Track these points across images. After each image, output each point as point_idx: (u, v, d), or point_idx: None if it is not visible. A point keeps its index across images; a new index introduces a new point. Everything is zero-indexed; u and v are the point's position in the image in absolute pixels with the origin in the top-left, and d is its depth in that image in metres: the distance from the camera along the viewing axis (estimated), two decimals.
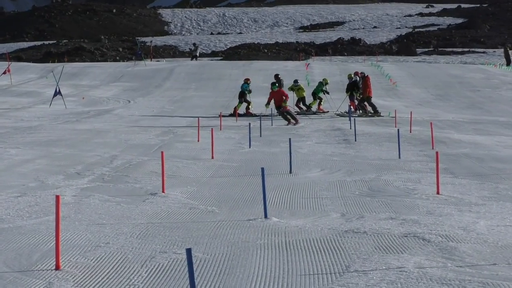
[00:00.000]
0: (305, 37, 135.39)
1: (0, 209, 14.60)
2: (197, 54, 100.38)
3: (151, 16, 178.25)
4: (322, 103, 46.09)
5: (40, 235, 12.13)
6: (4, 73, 64.34)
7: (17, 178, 18.96)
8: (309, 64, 79.06)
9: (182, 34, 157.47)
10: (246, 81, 45.74)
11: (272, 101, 38.96)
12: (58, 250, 10.12)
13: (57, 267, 10.01)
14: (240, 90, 45.01)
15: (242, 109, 43.86)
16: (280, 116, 37.98)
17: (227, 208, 14.87)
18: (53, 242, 10.72)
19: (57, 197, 10.31)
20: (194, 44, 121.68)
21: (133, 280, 9.52)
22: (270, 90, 39.70)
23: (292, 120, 37.38)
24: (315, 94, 46.03)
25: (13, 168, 20.84)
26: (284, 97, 37.83)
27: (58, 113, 43.44)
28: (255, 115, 42.47)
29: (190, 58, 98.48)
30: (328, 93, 46.20)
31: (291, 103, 47.24)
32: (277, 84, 40.14)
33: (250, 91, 45.05)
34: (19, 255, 10.79)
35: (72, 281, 9.46)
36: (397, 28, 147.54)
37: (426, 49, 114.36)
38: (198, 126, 30.38)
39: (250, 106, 44.82)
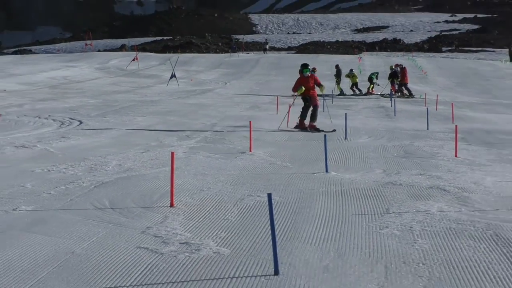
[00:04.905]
0: (358, 37, 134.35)
1: (130, 161, 14.75)
2: (267, 48, 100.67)
3: (243, 20, 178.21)
4: (373, 88, 46.16)
5: (159, 181, 12.24)
6: (133, 60, 64.97)
7: (142, 138, 19.12)
8: (361, 57, 78.62)
9: (266, 34, 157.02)
10: (313, 70, 45.71)
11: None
12: (172, 192, 10.22)
13: (171, 205, 10.10)
14: None
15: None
16: (301, 109, 23.37)
17: (298, 164, 14.87)
18: (168, 186, 10.82)
19: (172, 153, 10.39)
20: (265, 40, 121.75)
21: (227, 216, 9.58)
22: (299, 76, 23.44)
23: (309, 123, 22.76)
24: (371, 79, 46.17)
25: (140, 131, 21.02)
26: (318, 85, 23.22)
27: (173, 91, 43.69)
28: (319, 95, 42.43)
29: (263, 51, 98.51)
30: (378, 84, 46.28)
31: (346, 87, 47.18)
32: (309, 68, 23.31)
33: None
34: (143, 195, 10.90)
35: (182, 215, 9.55)
36: (428, 31, 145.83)
37: (450, 48, 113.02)
38: (277, 103, 30.36)
39: None
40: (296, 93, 23.48)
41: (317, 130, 22.38)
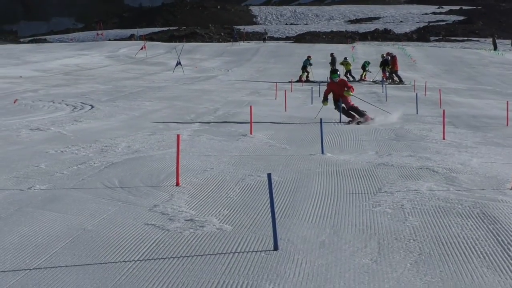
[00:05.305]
0: (351, 28, 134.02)
1: (138, 143, 14.73)
2: (266, 37, 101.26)
3: (244, 11, 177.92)
4: (366, 75, 46.23)
5: (165, 161, 12.20)
6: (142, 49, 64.87)
7: (150, 122, 19.10)
8: (354, 46, 78.49)
9: (265, 24, 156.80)
10: (308, 58, 45.98)
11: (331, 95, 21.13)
12: (178, 172, 10.18)
13: (177, 184, 10.06)
14: (302, 64, 45.39)
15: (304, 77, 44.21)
16: (343, 114, 20.77)
17: (295, 146, 14.84)
18: (174, 166, 10.77)
19: (178, 135, 10.35)
20: (264, 30, 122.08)
21: (229, 194, 9.54)
22: (329, 81, 21.56)
23: (357, 117, 20.38)
24: (364, 68, 46.29)
25: (147, 115, 20.99)
26: (346, 89, 20.52)
27: (178, 78, 43.64)
28: (313, 82, 42.42)
29: (262, 41, 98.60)
30: (370, 71, 46.36)
31: (340, 74, 47.19)
32: (338, 73, 21.28)
33: (311, 64, 45.37)
34: (151, 175, 10.87)
35: (187, 193, 9.51)
36: (417, 22, 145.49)
37: (437, 38, 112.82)
38: (276, 88, 30.29)
39: (308, 76, 45.00)
40: (323, 104, 20.93)
41: (362, 118, 20.26)
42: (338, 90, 20.72)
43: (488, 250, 7.01)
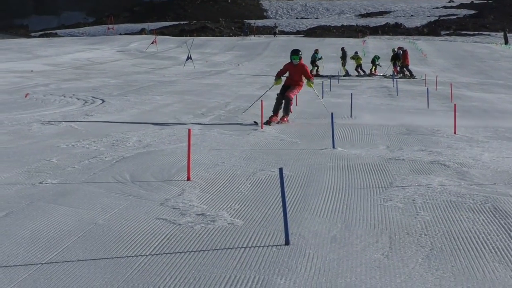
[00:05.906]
0: (362, 22, 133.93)
1: (149, 137, 14.72)
2: (276, 31, 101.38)
3: (255, 5, 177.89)
4: (376, 69, 46.28)
5: (176, 156, 12.20)
6: (152, 43, 65.02)
7: (161, 116, 19.10)
8: (365, 40, 78.47)
9: (276, 18, 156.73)
10: (316, 51, 46.11)
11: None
12: (189, 166, 10.17)
13: (188, 178, 10.05)
14: (311, 59, 45.38)
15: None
16: (275, 100, 18.53)
17: (306, 140, 14.82)
18: (185, 161, 10.76)
19: (189, 130, 10.34)
20: (274, 24, 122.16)
21: (240, 189, 9.53)
22: (289, 62, 19.52)
23: (280, 114, 18.23)
24: (373, 62, 46.34)
25: (158, 109, 20.99)
26: (304, 77, 18.86)
27: (189, 72, 43.66)
28: (323, 76, 42.42)
29: (273, 35, 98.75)
30: (380, 65, 46.38)
31: (351, 68, 47.10)
32: (300, 55, 19.21)
33: (320, 58, 45.47)
34: (162, 169, 10.86)
35: (198, 188, 9.50)
36: (427, 16, 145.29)
37: (448, 32, 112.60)
38: None
39: (318, 70, 45.08)
40: (274, 83, 19.53)
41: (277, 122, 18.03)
42: (293, 75, 18.72)
43: (499, 245, 6.98)
